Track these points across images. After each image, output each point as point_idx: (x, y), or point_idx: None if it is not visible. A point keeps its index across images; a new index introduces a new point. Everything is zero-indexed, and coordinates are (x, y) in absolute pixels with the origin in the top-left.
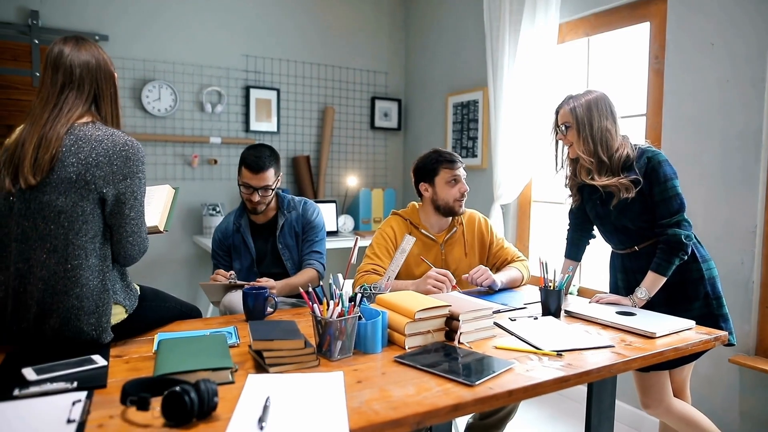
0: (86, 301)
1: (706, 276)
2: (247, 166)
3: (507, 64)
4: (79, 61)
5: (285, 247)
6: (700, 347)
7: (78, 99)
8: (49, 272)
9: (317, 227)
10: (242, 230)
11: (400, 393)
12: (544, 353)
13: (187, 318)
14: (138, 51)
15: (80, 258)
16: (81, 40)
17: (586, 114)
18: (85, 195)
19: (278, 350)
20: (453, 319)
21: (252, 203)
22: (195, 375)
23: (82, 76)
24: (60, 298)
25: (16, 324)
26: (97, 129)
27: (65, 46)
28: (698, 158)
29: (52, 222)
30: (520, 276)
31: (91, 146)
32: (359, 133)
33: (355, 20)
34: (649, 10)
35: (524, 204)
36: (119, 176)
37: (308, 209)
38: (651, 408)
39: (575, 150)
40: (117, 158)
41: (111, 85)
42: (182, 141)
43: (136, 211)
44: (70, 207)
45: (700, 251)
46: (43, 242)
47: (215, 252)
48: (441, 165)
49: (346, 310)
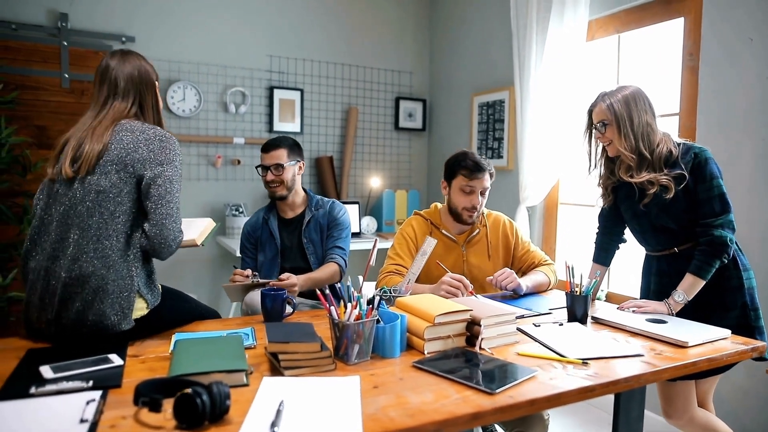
0: (111, 284)
1: (746, 285)
2: (262, 148)
3: (534, 63)
4: (124, 75)
5: (309, 242)
6: (736, 358)
7: (122, 105)
8: (79, 250)
9: (342, 224)
10: (270, 223)
11: (417, 400)
12: (569, 361)
13: (206, 319)
14: (163, 52)
15: (110, 238)
16: (126, 54)
17: (625, 109)
18: (123, 177)
19: (294, 353)
20: (474, 324)
21: (269, 186)
22: (209, 377)
23: (127, 87)
24: (87, 278)
25: (41, 311)
26: (140, 124)
27: (111, 60)
28: (736, 159)
29: (90, 201)
30: (546, 280)
31: (134, 135)
32: (383, 134)
33: (379, 20)
34: (684, 5)
35: (551, 206)
36: (156, 161)
37: (335, 207)
38: (674, 418)
39: (615, 147)
40: (155, 145)
41: (152, 93)
42: (206, 141)
43: (171, 195)
44: (108, 186)
45: (741, 259)
46: (80, 220)
47: (243, 244)
48: (460, 170)
49: (363, 312)
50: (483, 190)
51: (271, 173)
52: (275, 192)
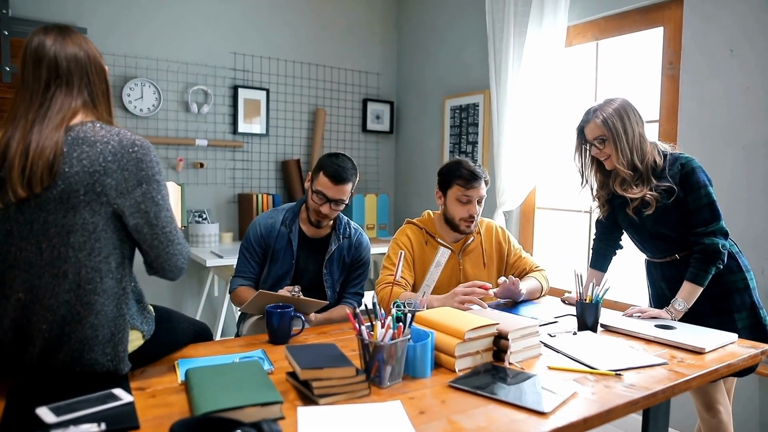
0: (101, 330)
1: (750, 286)
2: (329, 175)
3: (512, 67)
4: (66, 54)
5: (329, 274)
6: (749, 362)
7: (68, 96)
8: (59, 300)
9: (366, 264)
10: (291, 235)
11: (472, 425)
12: (602, 373)
13: (201, 339)
14: (119, 46)
15: (94, 282)
16: (65, 30)
17: (620, 124)
18: (96, 209)
19: (328, 379)
20: (501, 338)
21: (320, 215)
22: (243, 411)
23: (70, 70)
24: (72, 328)
25: (17, 359)
26: (99, 128)
27: (46, 37)
28: (716, 166)
29: (60, 244)
30: (539, 287)
31: (97, 150)
32: (351, 136)
33: (346, 19)
34: (663, 15)
35: (528, 211)
36: (133, 183)
37: (362, 243)
38: (710, 414)
39: (612, 162)
40: (128, 162)
41: (103, 80)
42: (166, 143)
43: (163, 218)
44: (80, 224)
45: (743, 261)
46: (52, 267)
47: (251, 245)
48: (455, 180)
49: (394, 331)
50: (480, 199)
51: (329, 207)
52: (321, 222)
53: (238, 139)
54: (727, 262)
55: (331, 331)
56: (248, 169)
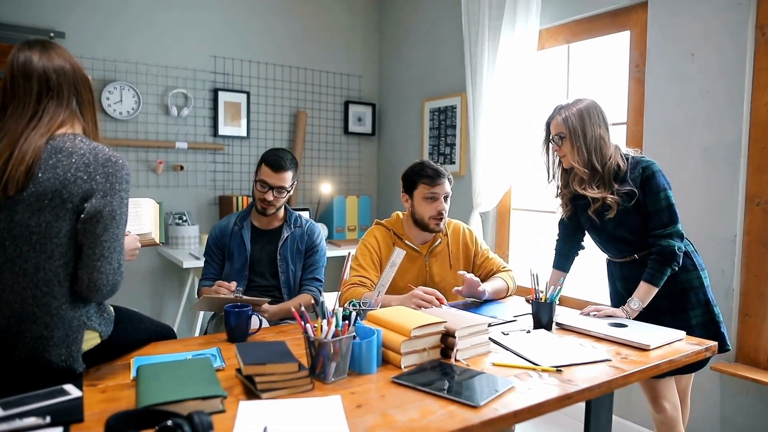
0: (56, 331)
1: (705, 284)
2: (268, 163)
3: (486, 70)
4: (54, 67)
5: (283, 260)
6: (693, 358)
7: (59, 108)
8: (17, 297)
9: (321, 252)
10: (243, 231)
11: (404, 417)
12: (543, 369)
13: (163, 339)
14: (98, 50)
15: (52, 285)
16: (48, 44)
17: (579, 123)
18: (60, 215)
19: (271, 374)
20: (448, 336)
21: (264, 203)
22: (183, 405)
23: (59, 82)
24: (27, 326)
25: None
26: (79, 141)
27: (32, 52)
28: (679, 167)
29: (23, 243)
30: (505, 287)
31: (71, 160)
32: (332, 138)
33: (327, 21)
34: (630, 19)
35: (503, 212)
36: (99, 193)
37: (314, 231)
38: (662, 413)
39: (569, 160)
40: (97, 174)
41: (88, 90)
42: (146, 146)
43: (111, 233)
44: (43, 228)
45: (698, 260)
46: (12, 264)
47: (210, 248)
48: (420, 179)
49: (340, 329)
50: (446, 196)
51: (272, 194)
52: (266, 209)
53: (219, 142)
54: (683, 262)
55: (291, 330)
56: (229, 172)
